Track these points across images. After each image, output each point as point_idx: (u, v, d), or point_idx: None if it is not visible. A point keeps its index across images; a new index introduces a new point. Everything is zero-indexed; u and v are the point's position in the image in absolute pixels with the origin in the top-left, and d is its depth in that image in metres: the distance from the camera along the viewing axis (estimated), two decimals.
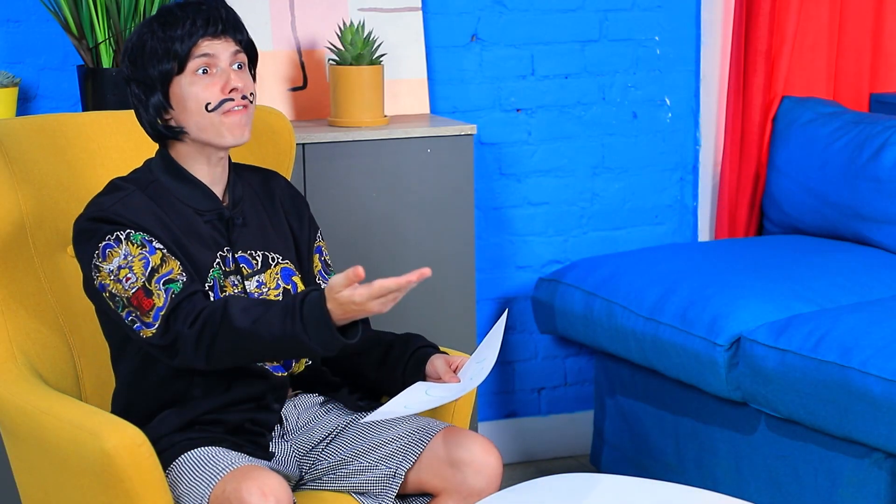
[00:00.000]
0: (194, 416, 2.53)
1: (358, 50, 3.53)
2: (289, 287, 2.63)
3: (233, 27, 2.53)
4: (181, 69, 2.50)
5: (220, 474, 2.41)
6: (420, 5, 3.81)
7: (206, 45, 2.50)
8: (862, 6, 4.17)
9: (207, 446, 2.50)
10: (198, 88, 2.50)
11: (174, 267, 2.46)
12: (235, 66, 2.53)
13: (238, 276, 2.58)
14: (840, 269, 3.58)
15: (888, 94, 4.21)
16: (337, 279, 2.29)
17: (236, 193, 2.63)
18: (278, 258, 2.64)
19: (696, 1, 4.13)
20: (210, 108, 2.50)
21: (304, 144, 3.44)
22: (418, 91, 3.79)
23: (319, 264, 2.73)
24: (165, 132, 2.55)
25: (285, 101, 3.66)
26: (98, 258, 2.48)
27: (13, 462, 2.68)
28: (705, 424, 3.50)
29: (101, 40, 3.31)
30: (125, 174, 2.64)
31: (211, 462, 2.45)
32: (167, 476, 2.47)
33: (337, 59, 3.56)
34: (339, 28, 3.60)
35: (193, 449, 2.50)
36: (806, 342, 3.18)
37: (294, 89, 3.68)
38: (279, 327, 2.34)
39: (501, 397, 4.12)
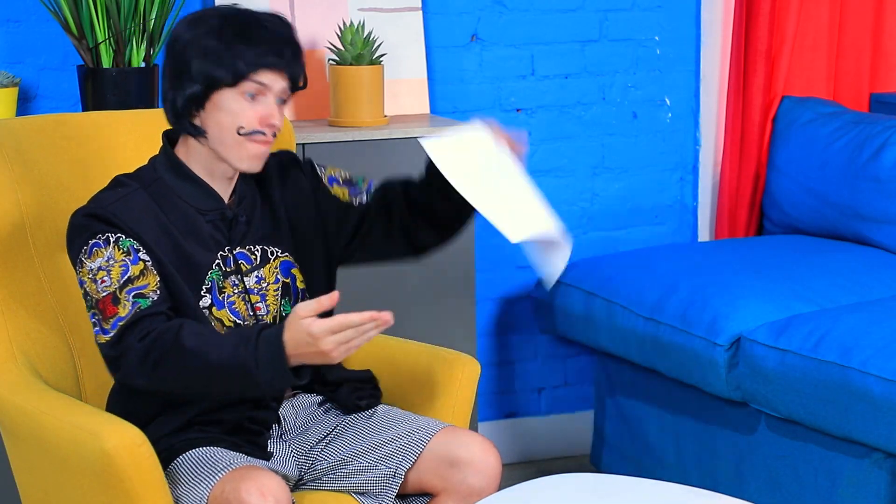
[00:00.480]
0: (192, 415, 2.53)
1: (358, 50, 3.53)
2: (288, 280, 2.62)
3: (297, 64, 2.52)
4: (233, 84, 2.47)
5: (219, 474, 2.41)
6: (420, 5, 3.81)
7: (266, 75, 2.48)
8: (862, 6, 4.17)
9: (206, 446, 2.50)
10: (239, 109, 2.48)
11: (150, 282, 2.46)
12: (279, 101, 2.51)
13: (238, 276, 2.58)
14: (840, 269, 3.58)
15: (888, 94, 4.21)
16: (305, 304, 2.31)
17: (239, 192, 2.63)
18: (277, 251, 2.63)
19: (696, 1, 4.13)
20: (242, 132, 2.49)
21: (304, 144, 3.44)
22: (418, 91, 3.79)
23: (342, 189, 2.71)
24: (188, 127, 2.53)
25: None
26: (84, 254, 2.48)
27: (13, 462, 2.68)
28: (705, 424, 3.50)
29: (101, 40, 3.31)
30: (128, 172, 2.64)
31: (210, 462, 2.45)
32: (166, 476, 2.47)
33: (337, 59, 3.56)
34: (339, 28, 3.60)
35: (192, 449, 2.50)
36: (806, 342, 3.18)
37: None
38: (229, 352, 2.34)
39: (501, 397, 4.12)
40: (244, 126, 2.48)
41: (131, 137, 2.86)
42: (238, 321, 2.56)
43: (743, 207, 4.12)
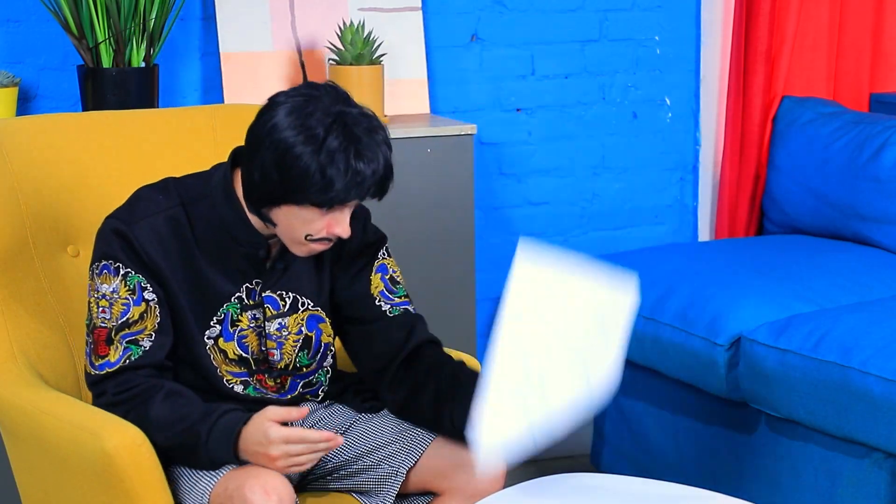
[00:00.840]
0: None
1: (358, 50, 3.53)
2: (312, 335, 2.58)
3: (384, 193, 2.44)
4: (317, 206, 2.39)
5: (222, 472, 2.41)
6: (420, 5, 3.81)
7: (352, 203, 2.42)
8: (862, 6, 4.17)
9: None
10: (311, 217, 2.40)
11: (148, 325, 2.46)
12: (348, 209, 2.44)
13: (259, 312, 2.54)
14: (840, 269, 3.58)
15: (888, 94, 4.21)
16: (275, 408, 2.34)
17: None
18: (308, 304, 2.58)
19: (696, 1, 4.13)
20: (308, 238, 2.42)
21: None
22: (418, 91, 3.79)
23: (381, 284, 2.64)
24: (258, 212, 2.44)
25: None
26: (97, 269, 2.50)
27: (13, 462, 2.68)
28: (705, 424, 3.50)
29: (101, 40, 3.31)
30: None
31: None
32: (167, 475, 2.47)
33: (337, 59, 3.56)
34: (339, 28, 3.60)
35: None
36: (806, 342, 3.18)
37: None
38: (189, 424, 2.39)
39: None
40: (312, 235, 2.42)
41: (131, 137, 2.86)
42: (245, 355, 2.55)
43: (743, 207, 4.11)
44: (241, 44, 3.63)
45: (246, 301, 2.53)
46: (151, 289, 2.47)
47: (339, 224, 2.42)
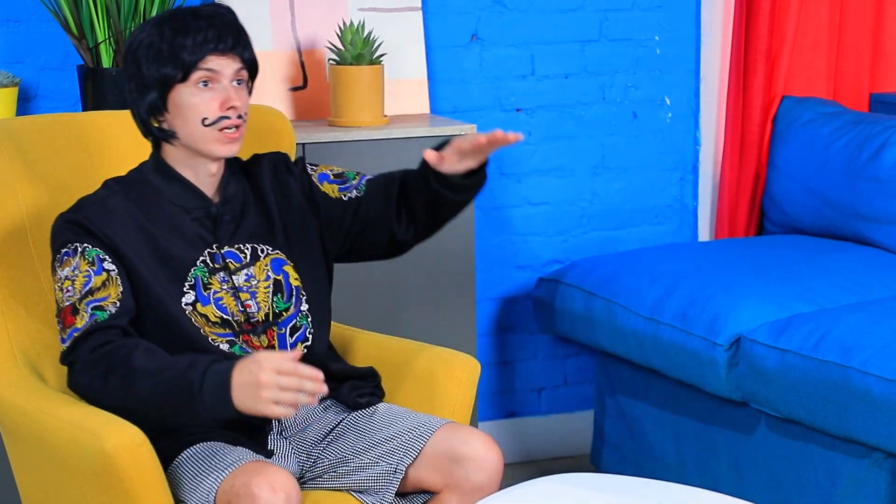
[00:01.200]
0: None
1: (358, 50, 3.53)
2: (280, 277, 2.64)
3: (241, 45, 2.57)
4: (184, 78, 2.52)
5: (228, 469, 2.41)
6: (420, 5, 3.81)
7: (213, 61, 2.53)
8: (862, 6, 4.17)
9: (209, 441, 2.51)
10: (197, 100, 2.53)
11: (112, 293, 2.50)
12: (236, 83, 2.56)
13: (225, 272, 2.60)
14: (840, 269, 3.58)
15: (888, 94, 4.21)
16: (269, 353, 2.33)
17: (228, 192, 2.65)
18: (268, 249, 2.66)
19: (696, 1, 4.13)
20: (206, 122, 2.54)
21: (304, 144, 3.44)
22: (418, 91, 3.79)
23: (332, 186, 2.75)
24: (157, 133, 2.59)
25: (285, 101, 3.66)
26: (57, 262, 2.55)
27: (13, 462, 2.68)
28: (705, 424, 3.50)
29: (101, 40, 3.31)
30: (124, 173, 2.65)
31: (217, 457, 2.46)
32: (168, 474, 2.47)
33: (337, 58, 3.56)
34: (339, 28, 3.60)
35: (195, 445, 2.50)
36: (806, 342, 3.18)
37: (294, 89, 3.68)
38: (179, 372, 2.37)
39: (501, 397, 4.12)
40: (208, 116, 2.53)
41: (131, 137, 2.86)
42: (226, 317, 2.58)
43: (743, 207, 4.11)
44: None
45: (212, 265, 2.59)
46: (111, 260, 2.52)
47: (224, 94, 2.53)
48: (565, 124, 4.06)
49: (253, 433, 2.57)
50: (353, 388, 2.71)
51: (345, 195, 2.74)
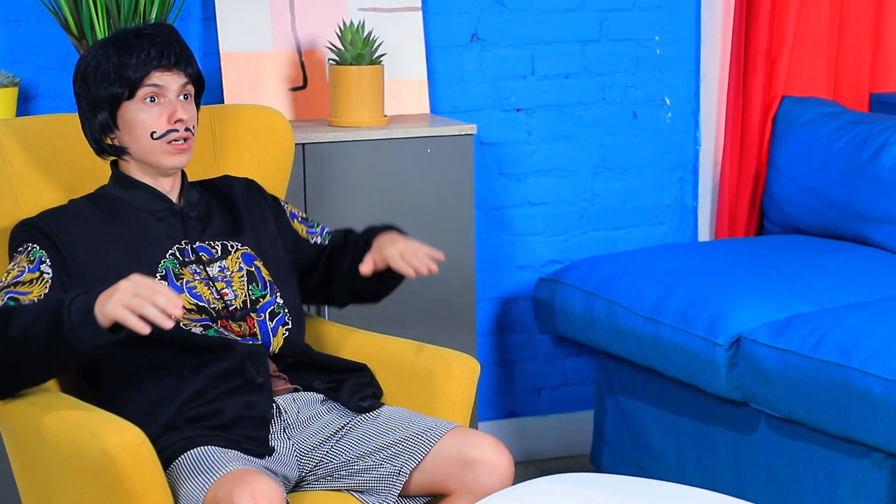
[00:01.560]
0: (182, 400, 2.55)
1: (358, 50, 3.53)
2: (252, 269, 2.72)
3: (184, 61, 2.67)
4: (131, 95, 2.62)
5: (214, 477, 2.41)
6: (420, 5, 3.81)
7: (157, 77, 2.64)
8: (862, 6, 4.17)
9: (205, 445, 2.50)
10: (145, 116, 2.63)
11: (34, 291, 2.55)
12: (182, 97, 2.66)
13: (199, 265, 2.67)
14: (840, 269, 3.58)
15: (888, 94, 4.21)
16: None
17: (191, 197, 2.75)
18: (237, 245, 2.74)
19: (696, 1, 4.13)
20: (155, 136, 2.64)
21: (303, 144, 3.44)
22: (418, 91, 3.79)
23: (301, 226, 2.89)
24: (108, 149, 2.68)
25: (285, 101, 3.66)
26: (11, 260, 2.64)
27: (13, 462, 2.68)
28: (705, 424, 3.50)
29: None
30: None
31: (206, 464, 2.46)
32: (168, 475, 2.47)
33: (337, 59, 3.56)
34: (339, 28, 3.60)
35: (192, 448, 2.50)
36: (806, 342, 3.18)
37: (294, 89, 3.68)
38: (52, 301, 2.40)
39: (501, 397, 4.12)
40: (156, 130, 2.64)
41: None
42: (201, 304, 2.64)
43: (743, 207, 4.11)
44: (241, 44, 3.63)
45: (181, 258, 2.66)
46: (50, 265, 2.57)
47: (171, 108, 2.63)
48: (565, 124, 4.06)
49: (253, 429, 2.57)
50: (353, 391, 2.71)
51: (311, 239, 2.88)
